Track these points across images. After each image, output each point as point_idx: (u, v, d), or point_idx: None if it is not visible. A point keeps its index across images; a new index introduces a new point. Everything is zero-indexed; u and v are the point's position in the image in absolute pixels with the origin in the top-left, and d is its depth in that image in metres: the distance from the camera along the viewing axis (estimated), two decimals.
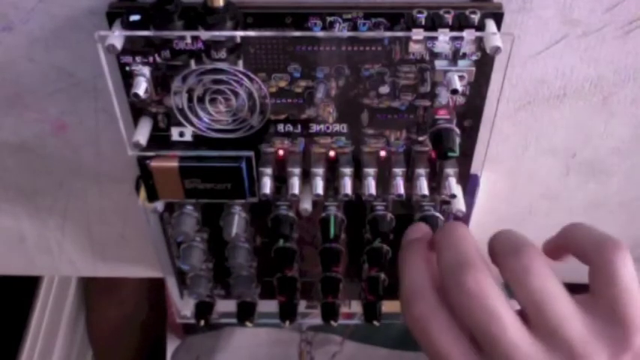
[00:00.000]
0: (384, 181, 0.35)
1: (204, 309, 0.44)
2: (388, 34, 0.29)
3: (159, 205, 0.36)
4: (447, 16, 0.28)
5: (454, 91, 0.29)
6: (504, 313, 0.26)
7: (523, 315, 0.27)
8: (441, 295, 0.28)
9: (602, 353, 0.26)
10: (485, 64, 0.30)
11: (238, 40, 0.29)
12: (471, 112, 0.32)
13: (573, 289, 0.28)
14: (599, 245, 0.28)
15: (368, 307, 0.43)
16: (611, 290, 0.26)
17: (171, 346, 0.71)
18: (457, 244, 0.29)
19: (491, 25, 0.29)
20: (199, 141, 0.33)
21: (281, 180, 0.35)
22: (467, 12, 0.28)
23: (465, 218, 0.39)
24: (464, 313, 0.27)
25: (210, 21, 0.28)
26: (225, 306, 0.45)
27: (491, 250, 0.29)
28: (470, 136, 0.33)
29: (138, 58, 0.30)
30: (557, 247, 0.30)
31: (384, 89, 0.31)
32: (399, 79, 0.31)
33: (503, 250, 0.28)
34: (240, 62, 0.30)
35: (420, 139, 0.33)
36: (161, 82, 0.31)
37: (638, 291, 0.26)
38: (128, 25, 0.28)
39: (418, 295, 0.29)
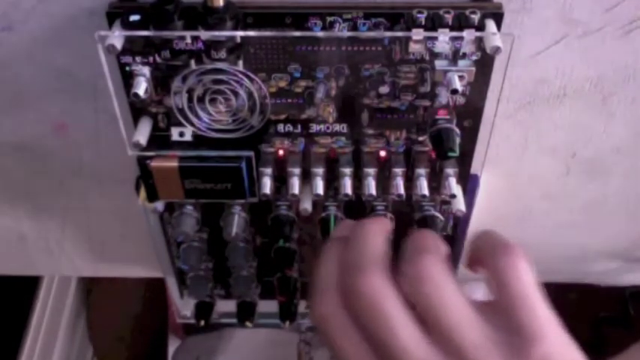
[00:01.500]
0: (384, 181, 0.35)
1: (204, 309, 0.44)
2: (388, 34, 0.29)
3: (159, 205, 0.36)
4: (447, 16, 0.28)
5: (454, 91, 0.29)
6: (396, 318, 0.26)
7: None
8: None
9: None
10: (485, 64, 0.30)
11: (238, 40, 0.29)
12: (471, 112, 0.32)
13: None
14: (493, 252, 0.27)
15: None
16: (506, 298, 0.26)
17: (172, 346, 0.71)
18: (360, 244, 0.28)
19: (491, 25, 0.29)
20: (199, 141, 0.33)
21: (281, 180, 0.35)
22: (467, 12, 0.28)
23: (465, 218, 0.39)
24: (358, 316, 0.27)
25: (210, 21, 0.28)
26: (225, 306, 0.45)
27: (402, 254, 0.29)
28: (470, 136, 0.33)
29: (138, 58, 0.30)
30: (468, 259, 0.30)
31: (384, 89, 0.31)
32: (399, 79, 0.31)
33: (405, 256, 0.28)
34: (240, 62, 0.30)
35: (420, 139, 0.33)
36: (161, 82, 0.31)
37: (536, 298, 0.26)
38: (128, 25, 0.28)
39: (323, 294, 0.28)
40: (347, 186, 0.34)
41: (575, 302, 0.72)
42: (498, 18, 0.29)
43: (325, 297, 0.28)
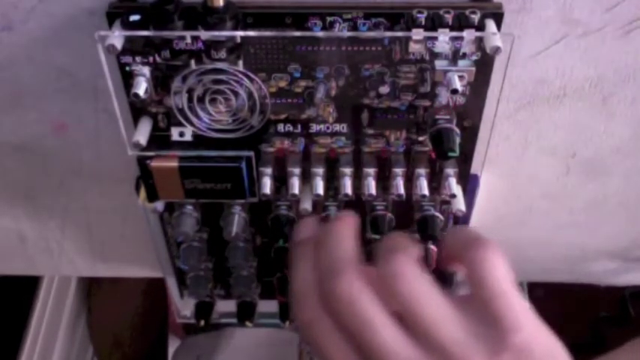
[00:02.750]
0: (384, 181, 0.35)
1: (204, 309, 0.44)
2: (388, 34, 0.29)
3: (159, 205, 0.36)
4: (447, 16, 0.28)
5: (454, 91, 0.29)
6: (377, 319, 0.26)
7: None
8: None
9: (478, 354, 0.25)
10: (485, 64, 0.30)
11: (238, 40, 0.29)
12: (471, 112, 0.32)
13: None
14: (467, 247, 0.27)
15: None
16: (481, 291, 0.26)
17: (172, 346, 0.71)
18: (331, 247, 0.29)
19: (491, 25, 0.29)
20: (199, 141, 0.33)
21: (281, 180, 0.35)
22: (467, 12, 0.28)
23: (465, 218, 0.39)
24: (340, 319, 0.27)
25: (210, 21, 0.28)
26: (225, 306, 0.45)
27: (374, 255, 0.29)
28: (470, 136, 0.33)
29: (138, 58, 0.30)
30: (443, 255, 0.30)
31: (384, 89, 0.31)
32: (399, 79, 0.31)
33: (377, 256, 0.28)
34: (240, 62, 0.30)
35: (420, 139, 0.33)
36: (161, 82, 0.31)
37: (510, 289, 0.26)
38: (128, 25, 0.28)
39: (303, 300, 0.29)
40: (347, 186, 0.34)
41: (575, 302, 0.72)
42: (498, 18, 0.29)
43: (306, 303, 0.28)
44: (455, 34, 0.28)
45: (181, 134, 0.33)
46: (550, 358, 0.26)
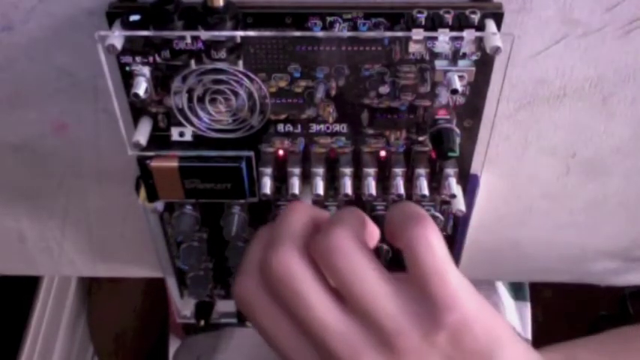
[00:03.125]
0: (384, 181, 0.35)
1: (204, 309, 0.44)
2: (388, 34, 0.29)
3: (159, 205, 0.36)
4: (447, 16, 0.28)
5: (454, 91, 0.29)
6: (311, 293, 0.26)
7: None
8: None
9: (413, 332, 0.25)
10: (485, 64, 0.30)
11: (238, 40, 0.29)
12: (471, 112, 0.32)
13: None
14: (404, 224, 0.27)
15: None
16: (417, 269, 0.26)
17: (172, 346, 0.71)
18: (278, 222, 0.28)
19: (491, 25, 0.29)
20: (199, 141, 0.33)
21: (281, 180, 0.35)
22: (467, 12, 0.28)
23: (465, 218, 0.39)
24: (275, 294, 0.27)
25: (210, 21, 0.28)
26: (225, 306, 0.45)
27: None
28: (470, 136, 0.33)
29: (138, 58, 0.30)
30: (387, 232, 0.29)
31: (384, 89, 0.31)
32: (399, 79, 0.31)
33: (314, 236, 0.27)
34: (240, 62, 0.30)
35: (420, 139, 0.33)
36: (161, 82, 0.31)
37: (446, 268, 0.26)
38: (128, 25, 0.28)
39: (244, 274, 0.28)
40: (347, 186, 0.34)
41: (575, 302, 0.72)
42: (498, 18, 0.29)
43: (245, 277, 0.28)
44: (455, 34, 0.28)
45: (181, 134, 0.33)
46: (492, 337, 0.26)
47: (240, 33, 0.29)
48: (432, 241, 0.26)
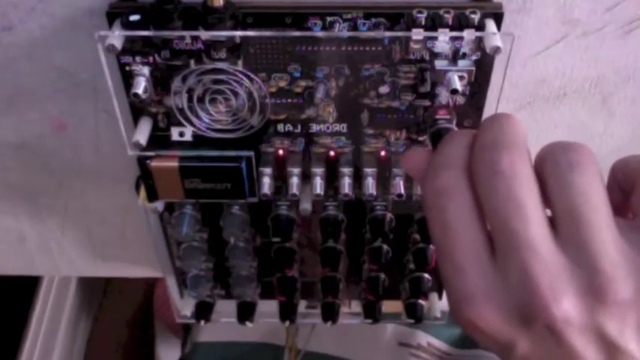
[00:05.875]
0: (384, 181, 0.35)
1: (204, 309, 0.44)
2: (388, 34, 0.29)
3: (159, 205, 0.36)
4: (447, 16, 0.28)
5: (454, 91, 0.29)
6: (532, 208, 0.23)
7: (553, 223, 0.23)
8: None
9: (629, 283, 0.22)
10: (485, 64, 0.30)
11: (238, 40, 0.29)
12: (471, 112, 0.32)
13: None
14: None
15: (368, 307, 0.43)
16: None
17: (172, 346, 0.71)
18: (502, 125, 0.24)
19: (491, 25, 0.29)
20: (199, 141, 0.33)
21: (281, 180, 0.35)
22: (467, 12, 0.28)
23: None
24: (487, 199, 0.23)
25: (210, 21, 0.28)
26: (225, 306, 0.45)
27: (538, 156, 0.25)
28: None
29: (138, 58, 0.30)
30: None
31: (384, 89, 0.31)
32: (399, 79, 0.31)
33: (551, 149, 0.24)
34: (240, 62, 0.30)
35: (420, 139, 0.33)
36: (161, 82, 0.31)
37: None
38: (128, 25, 0.28)
39: (448, 165, 0.25)
40: (347, 186, 0.34)
41: None
42: (498, 18, 0.29)
43: (447, 171, 0.24)
44: (455, 34, 0.28)
45: (181, 134, 0.33)
46: None
47: (240, 33, 0.29)
48: None
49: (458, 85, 0.29)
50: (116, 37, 0.28)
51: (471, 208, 0.24)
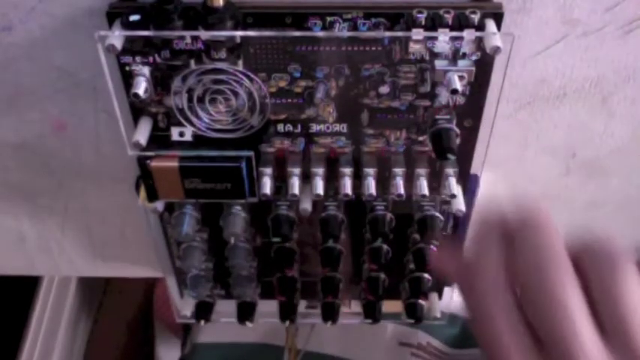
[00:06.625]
0: (384, 181, 0.35)
1: (204, 309, 0.44)
2: (388, 34, 0.29)
3: (159, 205, 0.36)
4: (447, 16, 0.28)
5: (454, 91, 0.29)
6: (579, 315, 0.24)
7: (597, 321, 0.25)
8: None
9: None
10: (485, 64, 0.30)
11: (238, 40, 0.29)
12: (471, 112, 0.32)
13: None
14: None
15: (368, 307, 0.43)
16: None
17: (172, 346, 0.71)
18: (542, 240, 0.26)
19: (491, 25, 0.29)
20: (199, 141, 0.33)
21: (281, 180, 0.35)
22: (467, 12, 0.28)
23: (465, 218, 0.38)
24: (538, 314, 0.25)
25: (210, 21, 0.28)
26: (225, 306, 0.45)
27: (579, 254, 0.27)
28: (470, 136, 0.33)
29: (138, 58, 0.30)
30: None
31: (384, 89, 0.31)
32: (399, 79, 0.31)
33: (597, 256, 0.26)
34: (240, 62, 0.30)
35: (420, 139, 0.33)
36: (161, 82, 0.31)
37: None
38: (128, 25, 0.28)
39: (489, 270, 0.26)
40: (347, 186, 0.34)
41: None
42: (498, 18, 0.29)
43: (488, 272, 0.26)
44: (455, 34, 0.28)
45: (181, 134, 0.33)
46: None
47: (240, 33, 0.29)
48: None
49: (458, 85, 0.29)
50: (116, 37, 0.28)
51: (512, 308, 0.25)
